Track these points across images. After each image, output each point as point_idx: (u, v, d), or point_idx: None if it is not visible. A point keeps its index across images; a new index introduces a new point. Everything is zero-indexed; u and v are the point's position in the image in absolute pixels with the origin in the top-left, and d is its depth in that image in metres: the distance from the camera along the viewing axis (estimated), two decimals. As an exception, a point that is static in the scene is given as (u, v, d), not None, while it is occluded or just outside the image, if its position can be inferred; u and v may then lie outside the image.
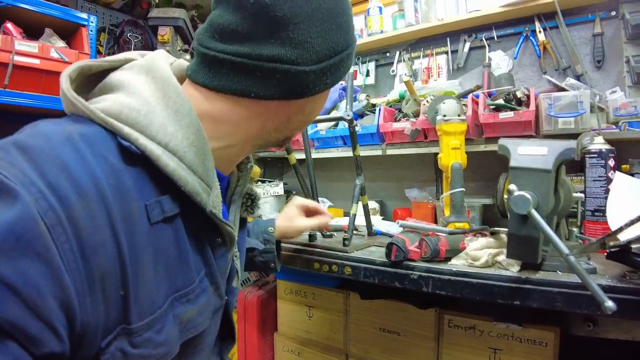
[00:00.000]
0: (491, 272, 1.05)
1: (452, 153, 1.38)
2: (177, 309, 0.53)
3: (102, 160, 0.45)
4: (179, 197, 0.53)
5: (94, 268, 0.41)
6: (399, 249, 1.14)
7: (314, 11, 0.55)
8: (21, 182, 0.38)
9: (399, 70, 2.03)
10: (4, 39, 1.66)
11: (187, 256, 0.55)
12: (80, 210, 0.40)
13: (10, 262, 0.35)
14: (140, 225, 0.47)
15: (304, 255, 1.34)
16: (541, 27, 1.67)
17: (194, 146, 0.53)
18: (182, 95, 0.54)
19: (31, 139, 0.43)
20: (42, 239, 0.37)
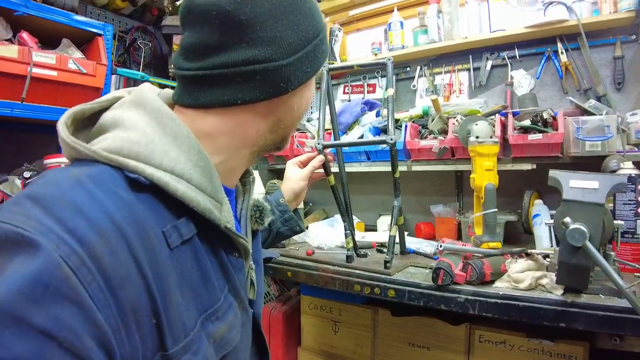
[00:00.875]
0: (536, 296, 1.11)
1: (486, 174, 1.45)
2: (209, 328, 0.55)
3: (113, 196, 0.47)
4: (194, 218, 0.55)
5: (124, 302, 0.43)
6: (446, 273, 1.20)
7: (275, 7, 0.58)
8: (40, 231, 0.39)
9: (420, 85, 2.09)
10: (21, 50, 1.65)
11: (209, 275, 0.57)
12: (102, 248, 0.42)
13: (42, 310, 0.36)
14: (161, 253, 0.49)
15: (343, 277, 1.38)
16: (563, 48, 1.76)
17: (199, 167, 0.56)
18: (176, 121, 0.56)
19: (42, 189, 0.44)
20: (70, 282, 0.38)
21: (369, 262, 1.44)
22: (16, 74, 1.63)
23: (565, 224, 1.00)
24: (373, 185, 2.19)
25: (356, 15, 2.38)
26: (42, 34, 1.81)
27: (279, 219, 1.18)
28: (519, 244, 1.74)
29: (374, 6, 2.29)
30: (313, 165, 1.25)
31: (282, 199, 1.20)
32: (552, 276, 1.16)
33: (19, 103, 1.66)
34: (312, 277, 1.45)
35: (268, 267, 1.58)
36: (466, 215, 1.77)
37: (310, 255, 1.54)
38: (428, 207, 1.94)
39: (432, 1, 1.95)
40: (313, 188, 2.38)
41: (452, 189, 1.98)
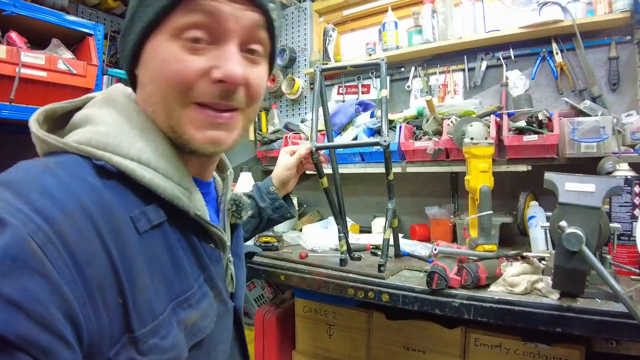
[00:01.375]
0: (532, 300, 1.10)
1: (481, 176, 1.44)
2: (180, 315, 0.55)
3: (81, 180, 0.48)
4: (163, 205, 0.56)
5: (90, 278, 0.44)
6: (441, 277, 1.18)
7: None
8: (7, 211, 0.40)
9: (414, 85, 2.08)
10: (9, 50, 1.62)
11: (182, 262, 0.57)
12: (67, 227, 0.43)
13: (11, 281, 0.37)
14: (128, 236, 0.50)
15: (337, 281, 1.36)
16: (558, 49, 1.75)
17: (165, 156, 0.57)
18: (142, 114, 0.58)
19: (11, 174, 0.46)
20: (36, 256, 0.39)
21: (362, 266, 1.42)
22: (4, 75, 1.60)
23: (561, 228, 0.99)
24: (367, 186, 2.17)
25: (350, 15, 2.37)
26: (32, 33, 1.78)
27: (269, 206, 1.20)
28: (514, 245, 1.73)
29: (368, 6, 2.28)
30: (300, 153, 1.25)
31: (272, 187, 1.22)
32: (548, 280, 1.15)
33: (7, 104, 1.63)
34: (305, 280, 1.43)
35: (261, 270, 1.56)
36: (461, 217, 1.75)
37: (303, 259, 1.53)
38: (422, 208, 1.93)
39: (426, 1, 1.94)
40: (307, 189, 2.39)
41: (447, 191, 1.97)
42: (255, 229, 1.25)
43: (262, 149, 2.22)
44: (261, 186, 1.22)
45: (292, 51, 2.36)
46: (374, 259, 1.52)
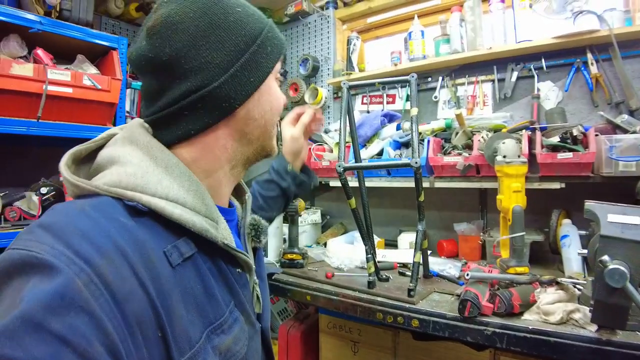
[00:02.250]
0: (569, 332, 1.08)
1: (514, 196, 1.40)
2: (214, 341, 0.58)
3: (114, 221, 0.52)
4: (193, 238, 0.59)
5: (130, 314, 0.47)
6: (473, 305, 1.17)
7: (194, 36, 0.61)
8: (52, 254, 0.44)
9: (441, 96, 2.04)
10: (36, 68, 1.65)
11: (213, 290, 0.60)
12: (106, 268, 0.46)
13: (59, 318, 0.41)
14: (163, 270, 0.53)
15: (365, 304, 1.36)
16: (593, 59, 1.69)
17: (191, 191, 0.60)
18: (166, 152, 0.62)
19: (51, 218, 0.50)
20: (82, 295, 0.43)
21: (391, 288, 1.41)
22: (32, 92, 1.63)
23: (603, 263, 0.96)
24: (393, 199, 2.15)
25: (374, 23, 2.33)
26: (57, 49, 1.81)
27: (291, 184, 1.20)
28: (545, 264, 1.70)
29: (393, 14, 2.24)
30: (303, 122, 1.21)
31: (289, 166, 1.20)
32: (585, 310, 1.12)
33: (35, 121, 1.66)
34: (331, 302, 1.43)
35: (287, 289, 1.56)
36: (491, 234, 1.72)
37: (329, 279, 1.52)
38: (450, 223, 1.90)
39: (454, 9, 1.90)
40: (330, 201, 2.38)
41: (476, 205, 1.94)
42: (285, 206, 1.27)
43: (286, 160, 2.21)
44: (278, 167, 1.20)
45: (315, 60, 2.35)
46: (402, 280, 1.50)
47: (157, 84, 0.63)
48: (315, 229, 2.12)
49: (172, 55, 0.60)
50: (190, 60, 0.60)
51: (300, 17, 2.44)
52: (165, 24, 0.61)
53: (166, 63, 0.60)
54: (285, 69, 2.54)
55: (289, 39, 2.56)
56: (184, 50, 0.60)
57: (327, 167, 2.02)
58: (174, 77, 0.61)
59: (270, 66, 0.68)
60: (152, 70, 0.62)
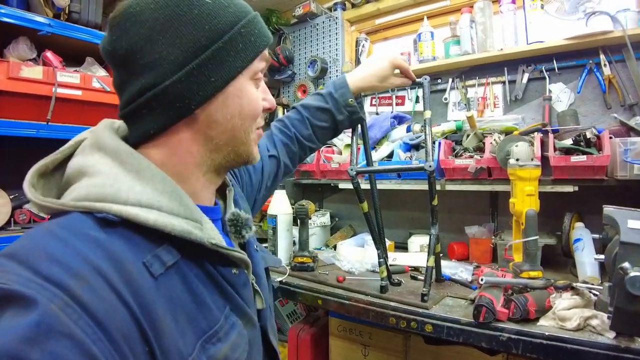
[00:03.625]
0: (586, 338, 1.06)
1: (527, 200, 1.39)
2: (210, 351, 0.55)
3: (84, 237, 0.49)
4: (175, 244, 0.56)
5: (114, 332, 0.45)
6: (488, 311, 1.15)
7: (151, 29, 0.57)
8: (20, 283, 0.42)
9: (451, 97, 2.03)
10: (46, 71, 1.65)
11: (203, 297, 0.57)
12: (81, 289, 0.44)
13: (39, 348, 0.39)
14: (143, 283, 0.50)
15: (377, 309, 1.35)
16: (606, 60, 1.67)
17: (166, 192, 0.56)
18: (134, 155, 0.58)
19: (16, 245, 0.47)
20: (59, 320, 0.41)
21: (403, 292, 1.40)
22: (41, 95, 1.62)
23: (623, 270, 0.94)
24: (402, 201, 2.14)
25: (383, 24, 2.32)
26: (66, 51, 1.81)
27: (347, 119, 1.12)
28: (556, 267, 1.68)
29: (402, 15, 2.22)
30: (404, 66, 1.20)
31: (352, 100, 1.11)
32: (602, 317, 1.11)
33: (44, 124, 1.65)
34: (343, 306, 1.42)
35: (297, 293, 1.55)
36: (502, 237, 1.71)
37: (341, 282, 1.51)
38: (460, 226, 1.88)
39: (464, 11, 1.88)
40: (339, 202, 2.37)
41: (486, 208, 1.92)
42: (330, 137, 1.20)
43: (294, 162, 2.21)
44: (338, 97, 1.10)
45: (323, 62, 2.33)
46: (414, 284, 1.49)
47: (118, 78, 0.61)
48: (324, 232, 2.11)
49: (127, 50, 0.57)
50: (145, 55, 0.57)
51: (308, 19, 2.42)
52: (125, 15, 0.58)
53: (123, 57, 0.58)
54: (293, 70, 2.52)
55: (296, 40, 2.54)
56: (140, 44, 0.57)
57: (336, 170, 2.01)
58: (130, 72, 0.58)
59: (239, 65, 0.62)
60: (113, 64, 0.60)
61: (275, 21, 2.53)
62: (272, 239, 1.78)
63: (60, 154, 0.61)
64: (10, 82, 1.55)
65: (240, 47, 0.61)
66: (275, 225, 1.75)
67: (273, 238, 1.78)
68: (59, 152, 0.61)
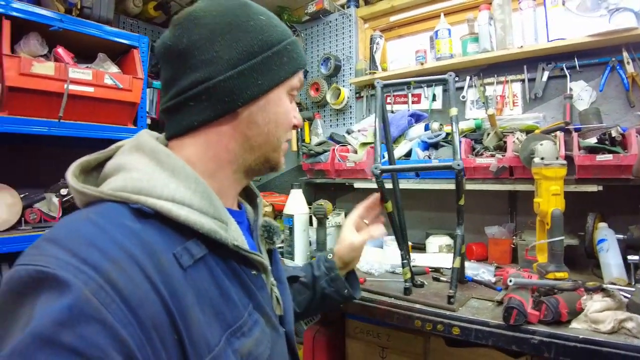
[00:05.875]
0: (621, 342, 1.04)
1: (552, 199, 1.37)
2: (235, 344, 0.58)
3: (120, 226, 0.51)
4: (203, 240, 0.58)
5: (145, 319, 0.46)
6: (520, 313, 1.13)
7: (212, 31, 0.64)
8: (59, 266, 0.44)
9: (469, 96, 2.00)
10: (58, 67, 1.62)
11: (229, 292, 0.60)
12: (116, 274, 0.46)
13: (70, 330, 0.40)
14: (174, 273, 0.52)
15: (402, 311, 1.32)
16: (629, 58, 1.65)
17: (198, 192, 0.60)
18: (172, 156, 0.62)
19: (56, 231, 0.50)
20: (92, 304, 0.42)
21: (427, 294, 1.37)
22: (53, 92, 1.59)
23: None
24: (419, 201, 2.11)
25: (397, 22, 2.29)
26: (78, 47, 1.78)
27: (323, 276, 1.06)
28: (579, 268, 1.65)
29: (416, 12, 2.20)
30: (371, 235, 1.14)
31: (330, 255, 1.09)
32: (638, 319, 1.08)
33: (56, 121, 1.62)
34: (367, 309, 1.40)
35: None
36: (523, 237, 1.68)
37: (362, 284, 1.48)
38: (479, 226, 1.86)
39: (482, 8, 1.86)
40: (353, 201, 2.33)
41: (505, 208, 1.90)
42: (310, 302, 1.08)
43: (308, 161, 2.18)
44: (320, 255, 1.12)
45: (336, 59, 2.31)
46: (437, 286, 1.47)
47: (171, 72, 0.66)
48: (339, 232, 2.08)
49: (188, 46, 0.63)
50: (203, 53, 0.63)
51: (321, 16, 2.40)
52: (189, 17, 0.65)
53: (181, 52, 0.64)
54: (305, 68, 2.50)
55: (309, 37, 2.52)
56: (200, 43, 0.63)
57: (350, 169, 1.99)
58: (185, 66, 0.64)
59: (282, 75, 0.69)
60: (169, 59, 0.66)
61: (287, 18, 2.50)
62: (289, 239, 1.75)
63: (101, 154, 0.65)
64: (22, 78, 1.52)
65: (285, 61, 0.69)
66: (292, 225, 1.73)
67: (289, 238, 1.75)
68: (100, 152, 0.65)
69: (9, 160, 1.86)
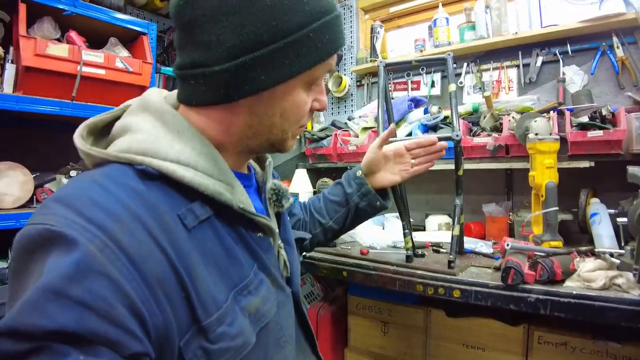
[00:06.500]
0: (612, 295, 1.10)
1: (547, 172, 1.44)
2: (242, 302, 0.59)
3: (125, 187, 0.52)
4: (208, 201, 0.59)
5: (149, 275, 0.48)
6: (517, 272, 1.19)
7: (216, 8, 0.56)
8: (65, 224, 0.46)
9: (466, 82, 2.08)
10: (72, 49, 1.68)
11: (234, 252, 0.61)
12: (120, 232, 0.47)
13: (78, 284, 0.42)
14: (179, 233, 0.53)
15: (404, 277, 1.38)
16: (619, 43, 1.74)
17: (203, 154, 0.60)
18: (177, 117, 0.61)
19: (63, 191, 0.52)
20: (98, 260, 0.44)
21: (428, 262, 1.43)
22: (66, 73, 1.65)
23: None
24: (418, 184, 2.19)
25: (397, 12, 2.38)
26: (89, 33, 1.84)
27: (355, 192, 1.11)
28: (572, 243, 1.72)
29: (415, 3, 2.29)
30: (381, 136, 1.16)
31: (359, 172, 1.13)
32: (628, 275, 1.15)
33: (69, 102, 1.68)
34: (370, 277, 1.45)
35: (320, 266, 1.58)
36: (519, 214, 1.75)
37: (365, 255, 1.54)
38: (476, 206, 1.93)
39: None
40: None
41: (502, 188, 1.97)
42: (345, 219, 1.13)
43: (311, 146, 2.24)
44: (350, 172, 1.15)
45: (338, 48, 2.38)
46: (437, 256, 1.53)
47: (178, 39, 0.62)
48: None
49: (190, 20, 0.58)
50: (205, 33, 0.57)
51: (323, 7, 2.47)
52: None
53: (184, 25, 0.59)
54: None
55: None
56: (202, 20, 0.56)
57: (353, 152, 2.06)
58: (187, 41, 0.60)
59: (295, 70, 0.59)
60: (177, 25, 0.61)
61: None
62: (294, 217, 1.81)
63: (109, 114, 0.64)
64: (37, 58, 1.57)
65: (304, 52, 0.59)
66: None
67: (294, 216, 1.80)
68: (107, 112, 0.64)
69: (22, 143, 1.91)
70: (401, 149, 1.18)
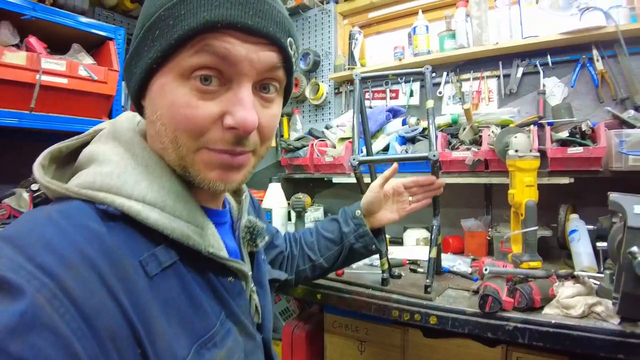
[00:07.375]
0: (592, 325, 1.08)
1: (526, 190, 1.41)
2: (205, 356, 0.54)
3: (83, 228, 0.47)
4: (174, 245, 0.54)
5: (101, 330, 0.43)
6: (495, 300, 1.16)
7: None
8: (11, 269, 0.40)
9: (446, 91, 2.04)
10: (30, 57, 1.59)
11: (200, 301, 0.56)
12: (71, 281, 0.42)
13: (19, 339, 0.37)
14: (138, 281, 0.48)
15: (379, 302, 1.33)
16: (599, 55, 1.71)
17: (172, 192, 0.55)
18: (147, 150, 0.57)
19: (14, 228, 0.46)
20: (44, 312, 0.39)
21: (405, 285, 1.39)
22: (24, 82, 1.56)
23: (632, 255, 0.96)
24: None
25: (376, 18, 2.32)
26: (51, 38, 1.75)
27: (352, 232, 1.10)
28: (551, 259, 1.70)
29: (395, 9, 2.23)
30: (384, 175, 1.16)
31: (358, 212, 1.12)
32: (607, 303, 1.12)
33: (28, 113, 1.59)
34: (344, 300, 1.40)
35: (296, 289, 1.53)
36: (498, 230, 1.72)
37: (340, 276, 1.49)
38: (455, 219, 1.89)
39: (460, 5, 1.90)
40: (331, 197, 2.35)
41: (481, 201, 1.94)
42: (337, 258, 1.13)
43: (287, 156, 2.17)
44: (347, 210, 1.14)
45: (315, 55, 2.32)
46: (414, 277, 1.49)
47: None
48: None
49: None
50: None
51: (301, 11, 2.41)
52: None
53: None
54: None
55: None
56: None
57: (329, 164, 2.00)
58: None
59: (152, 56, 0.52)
60: None
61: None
62: (267, 233, 1.75)
63: (76, 140, 0.60)
64: (-8, 67, 1.48)
65: (156, 35, 0.52)
66: (270, 220, 1.72)
67: (268, 232, 1.75)
68: (74, 138, 0.60)
69: (-23, 155, 1.81)
70: (400, 188, 1.19)
